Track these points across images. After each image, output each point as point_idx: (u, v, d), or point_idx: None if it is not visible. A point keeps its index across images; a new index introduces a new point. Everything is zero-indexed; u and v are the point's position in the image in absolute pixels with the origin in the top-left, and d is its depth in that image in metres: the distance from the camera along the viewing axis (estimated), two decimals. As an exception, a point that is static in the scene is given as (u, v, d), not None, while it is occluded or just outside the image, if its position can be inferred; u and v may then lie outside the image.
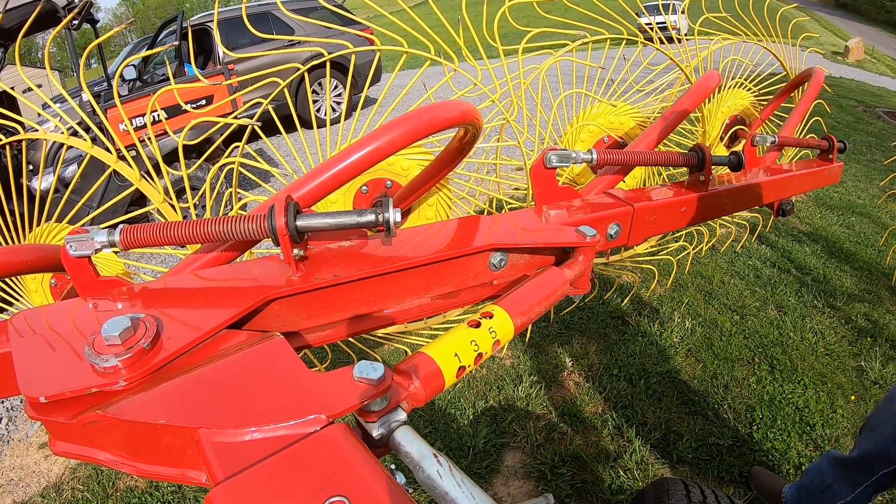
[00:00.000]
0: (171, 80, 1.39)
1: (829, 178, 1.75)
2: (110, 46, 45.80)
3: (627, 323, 3.34)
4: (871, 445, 1.67)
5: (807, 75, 2.02)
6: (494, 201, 1.72)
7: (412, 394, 0.60)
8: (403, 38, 1.38)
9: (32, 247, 0.91)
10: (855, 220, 4.94)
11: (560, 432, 2.51)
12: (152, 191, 1.34)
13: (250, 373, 0.58)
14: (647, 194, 1.21)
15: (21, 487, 2.50)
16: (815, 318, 3.41)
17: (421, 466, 0.51)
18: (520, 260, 0.95)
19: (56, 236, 1.47)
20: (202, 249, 0.85)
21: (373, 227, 0.75)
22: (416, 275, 0.84)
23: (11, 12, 4.35)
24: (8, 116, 1.31)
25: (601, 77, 1.87)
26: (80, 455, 0.57)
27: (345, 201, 1.36)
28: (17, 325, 0.67)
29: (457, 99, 0.97)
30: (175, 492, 2.32)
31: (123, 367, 0.56)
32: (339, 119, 8.43)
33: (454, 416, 2.62)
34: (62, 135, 1.33)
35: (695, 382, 2.82)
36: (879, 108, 10.21)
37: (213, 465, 0.46)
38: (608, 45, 1.83)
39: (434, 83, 1.53)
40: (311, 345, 0.79)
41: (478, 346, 0.68)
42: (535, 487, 2.25)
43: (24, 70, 1.46)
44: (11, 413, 3.10)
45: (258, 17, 8.14)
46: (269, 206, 0.72)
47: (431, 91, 1.39)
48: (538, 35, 1.64)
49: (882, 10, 44.03)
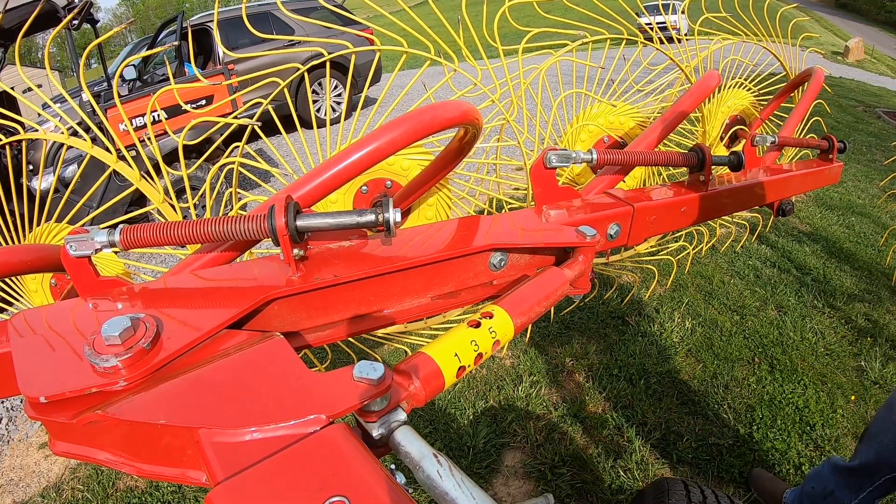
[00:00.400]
0: (171, 80, 1.39)
1: (829, 178, 1.75)
2: (110, 46, 45.79)
3: (627, 323, 3.34)
4: (873, 454, 1.66)
5: (807, 75, 2.02)
6: (494, 201, 1.72)
7: (412, 394, 0.60)
8: (403, 38, 1.38)
9: (32, 247, 0.91)
10: (855, 220, 4.94)
11: (560, 432, 2.51)
12: (152, 191, 1.34)
13: (250, 373, 0.58)
14: (647, 194, 1.21)
15: (21, 487, 2.50)
16: (815, 318, 3.41)
17: (421, 466, 0.51)
18: (520, 260, 0.95)
19: (56, 236, 1.47)
20: (202, 249, 0.85)
21: (373, 227, 0.75)
22: (416, 275, 0.84)
23: (11, 12, 4.35)
24: (8, 116, 1.31)
25: (601, 77, 1.87)
26: (80, 455, 0.57)
27: (345, 201, 1.36)
28: (17, 325, 0.67)
29: (457, 99, 0.97)
30: (175, 492, 2.32)
31: (123, 367, 0.56)
32: (339, 119, 8.43)
33: (454, 416, 2.62)
34: (62, 135, 1.33)
35: (695, 382, 2.82)
36: (879, 108, 10.21)
37: (213, 465, 0.46)
38: (608, 45, 1.83)
39: (434, 83, 1.53)
40: (311, 345, 0.79)
41: (478, 346, 0.68)
42: (535, 487, 2.25)
43: (24, 70, 1.46)
44: (11, 413, 3.10)
45: (258, 17, 8.15)
46: (269, 206, 0.72)
47: (431, 91, 1.39)
48: (538, 35, 1.64)
49: (882, 10, 44.03)
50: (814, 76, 1.96)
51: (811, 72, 2.00)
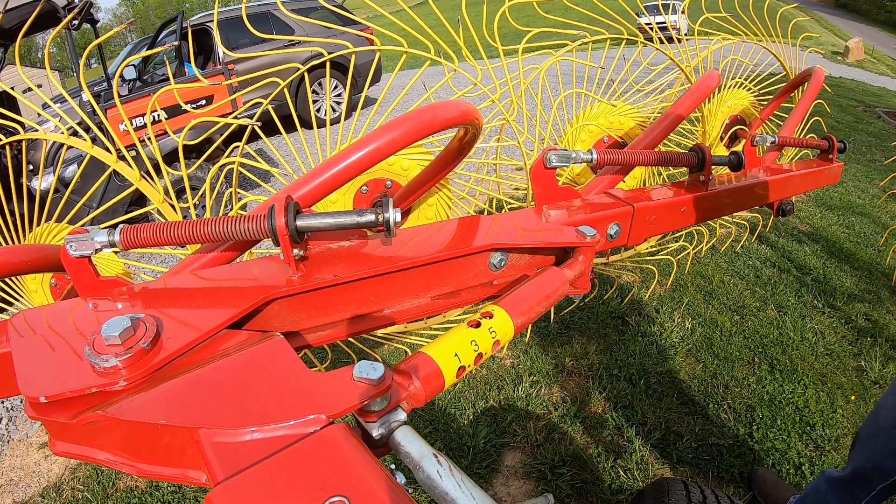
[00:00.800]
0: (171, 79, 1.39)
1: (829, 178, 1.75)
2: (110, 46, 45.79)
3: (627, 323, 3.34)
4: (864, 460, 1.65)
5: (807, 75, 2.02)
6: (494, 201, 1.72)
7: (412, 394, 0.60)
8: (403, 38, 1.38)
9: (32, 247, 0.91)
10: (855, 220, 4.94)
11: (560, 432, 2.51)
12: (152, 191, 1.34)
13: (250, 373, 0.58)
14: (647, 194, 1.21)
15: (21, 487, 2.51)
16: (815, 318, 3.41)
17: (421, 466, 0.51)
18: (520, 260, 0.95)
19: (56, 236, 1.47)
20: (202, 249, 0.85)
21: (373, 227, 0.75)
22: (416, 275, 0.84)
23: (11, 12, 4.35)
24: (8, 116, 1.31)
25: (601, 77, 1.87)
26: (80, 455, 0.57)
27: (344, 201, 1.36)
28: (16, 325, 0.67)
29: (457, 99, 0.97)
30: (175, 492, 2.32)
31: (123, 367, 0.56)
32: (338, 119, 8.43)
33: (454, 416, 2.62)
34: (62, 135, 1.33)
35: (695, 382, 2.82)
36: (879, 108, 10.20)
37: (213, 465, 0.46)
38: (608, 45, 1.82)
39: (434, 83, 1.53)
40: (311, 345, 0.79)
41: (478, 346, 0.68)
42: (535, 487, 2.25)
43: (24, 70, 1.46)
44: (11, 413, 3.10)
45: (258, 17, 8.14)
46: (270, 206, 0.72)
47: (431, 91, 1.39)
48: (538, 35, 1.64)
49: (882, 10, 44.03)
50: (814, 76, 1.96)
51: (811, 72, 2.00)
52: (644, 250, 2.05)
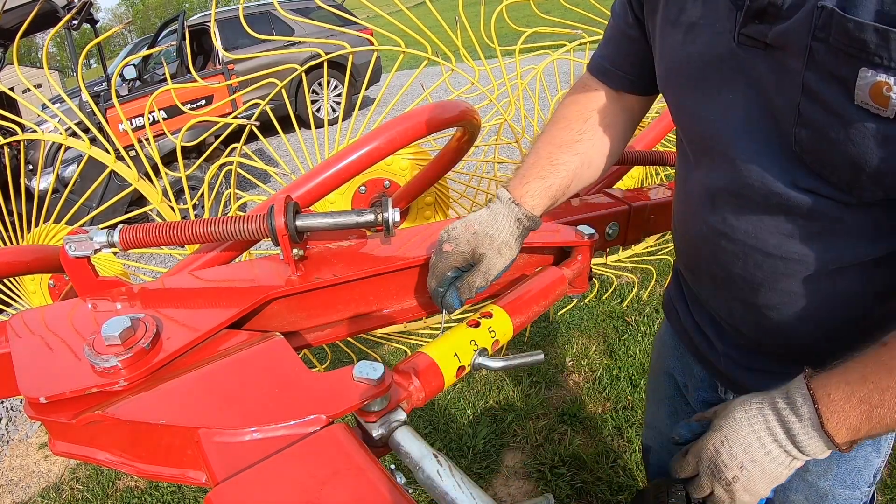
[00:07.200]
0: (169, 80, 1.39)
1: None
2: (110, 46, 45.75)
3: (627, 323, 3.34)
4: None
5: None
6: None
7: (412, 394, 0.60)
8: (401, 38, 1.38)
9: (31, 247, 0.91)
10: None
11: (560, 432, 2.51)
12: (151, 191, 1.34)
13: (250, 373, 0.58)
14: (645, 194, 1.21)
15: (21, 487, 2.50)
16: (814, 318, 3.41)
17: (421, 466, 0.51)
18: (518, 259, 0.95)
19: (55, 236, 1.47)
20: (201, 250, 0.85)
21: (372, 226, 0.75)
22: (416, 274, 0.84)
23: (11, 12, 4.34)
24: (6, 117, 1.31)
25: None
26: (80, 455, 0.57)
27: (343, 201, 1.36)
28: (16, 325, 0.67)
29: (454, 99, 0.97)
30: (175, 492, 2.32)
31: (123, 367, 0.56)
32: (337, 119, 8.41)
33: (454, 416, 2.62)
34: (60, 135, 1.33)
35: (694, 382, 2.82)
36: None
37: (214, 465, 0.46)
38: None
39: (432, 83, 1.53)
40: (310, 345, 0.79)
41: (477, 345, 0.68)
42: (535, 487, 2.25)
43: (23, 70, 1.46)
44: (11, 413, 3.10)
45: (258, 16, 8.13)
46: (269, 206, 0.72)
47: (429, 91, 1.39)
48: (535, 35, 1.64)
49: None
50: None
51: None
52: (643, 250, 2.05)
